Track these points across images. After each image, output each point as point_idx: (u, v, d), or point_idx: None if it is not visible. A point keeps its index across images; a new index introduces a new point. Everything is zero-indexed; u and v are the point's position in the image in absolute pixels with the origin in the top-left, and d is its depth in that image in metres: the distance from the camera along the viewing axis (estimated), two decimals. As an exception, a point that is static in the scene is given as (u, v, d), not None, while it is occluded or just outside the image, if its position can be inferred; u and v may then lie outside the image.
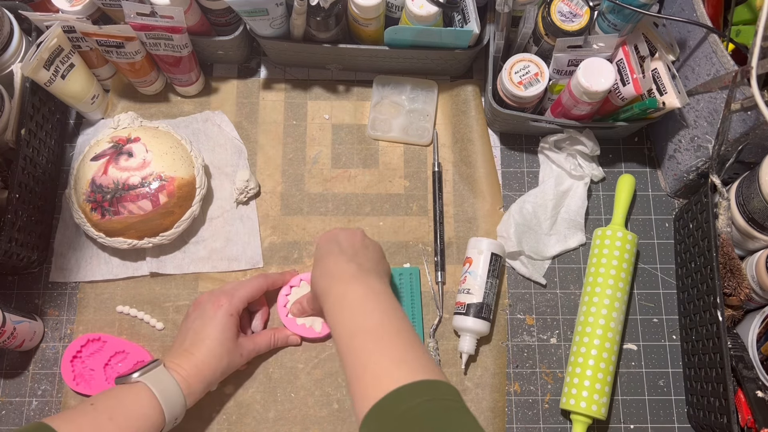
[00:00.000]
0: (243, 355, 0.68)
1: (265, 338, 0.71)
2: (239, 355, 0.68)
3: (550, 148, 0.79)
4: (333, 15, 0.72)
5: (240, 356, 0.68)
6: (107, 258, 0.76)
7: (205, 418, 0.71)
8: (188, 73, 0.78)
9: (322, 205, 0.80)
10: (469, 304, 0.72)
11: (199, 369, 0.64)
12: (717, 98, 0.67)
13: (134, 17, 0.69)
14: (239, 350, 0.68)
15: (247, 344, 0.69)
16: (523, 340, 0.76)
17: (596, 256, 0.75)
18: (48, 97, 0.76)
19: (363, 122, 0.83)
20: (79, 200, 0.73)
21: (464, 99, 0.82)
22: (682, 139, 0.75)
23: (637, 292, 0.77)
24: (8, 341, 0.68)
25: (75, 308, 0.75)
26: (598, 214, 0.80)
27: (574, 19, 0.69)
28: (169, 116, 0.82)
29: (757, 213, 0.66)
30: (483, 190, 0.80)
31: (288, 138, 0.82)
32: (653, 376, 0.75)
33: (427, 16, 0.69)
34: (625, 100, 0.71)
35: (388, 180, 0.81)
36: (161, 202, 0.71)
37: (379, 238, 0.78)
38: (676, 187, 0.79)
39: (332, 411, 0.72)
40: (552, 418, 0.73)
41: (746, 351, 0.67)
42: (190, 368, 0.64)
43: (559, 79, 0.73)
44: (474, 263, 0.73)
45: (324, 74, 0.85)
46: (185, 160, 0.74)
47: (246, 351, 0.69)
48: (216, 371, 0.65)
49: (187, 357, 0.64)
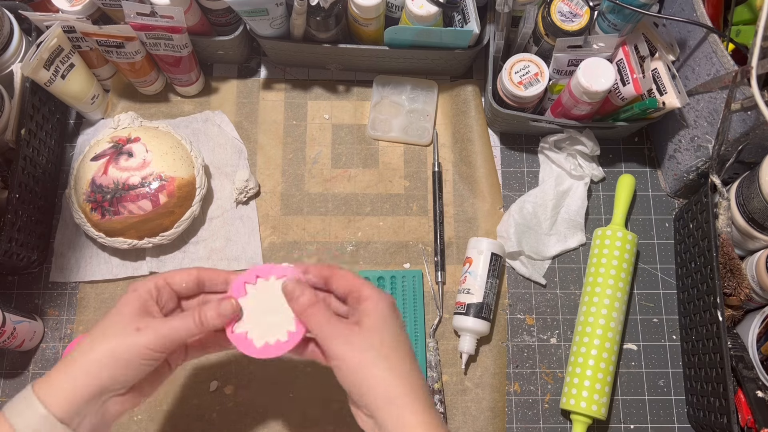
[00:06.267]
0: (142, 330, 0.48)
1: (183, 316, 0.51)
2: (135, 329, 0.48)
3: (550, 148, 0.79)
4: (333, 15, 0.72)
5: (137, 331, 0.48)
6: (107, 258, 0.77)
7: (206, 418, 0.71)
8: (188, 73, 0.78)
9: (322, 205, 0.80)
10: (469, 304, 0.72)
11: (71, 357, 0.48)
12: (717, 98, 0.66)
13: (134, 17, 0.69)
14: (136, 324, 0.49)
15: (156, 324, 0.49)
16: (523, 340, 0.76)
17: (596, 256, 0.75)
18: (48, 97, 0.76)
19: (363, 122, 0.83)
20: (79, 200, 0.73)
21: (464, 99, 0.82)
22: (682, 139, 0.75)
23: (637, 292, 0.77)
24: (8, 341, 0.68)
25: (75, 308, 0.75)
26: (598, 214, 0.80)
27: (574, 19, 0.69)
28: (169, 116, 0.82)
29: (757, 213, 0.66)
30: (483, 190, 0.80)
31: (288, 138, 0.82)
32: (653, 376, 0.75)
33: (427, 16, 0.69)
34: (625, 100, 0.71)
35: (388, 180, 0.81)
36: (161, 202, 0.71)
37: (379, 238, 0.78)
38: (676, 187, 0.79)
39: (332, 411, 0.72)
40: (552, 418, 0.73)
41: (746, 351, 0.67)
42: (60, 363, 0.48)
43: (559, 79, 0.73)
44: (474, 263, 0.73)
45: (324, 74, 0.85)
46: (185, 160, 0.74)
47: (152, 327, 0.49)
48: (94, 351, 0.48)
49: None
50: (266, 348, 0.52)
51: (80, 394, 0.46)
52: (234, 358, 0.73)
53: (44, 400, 0.46)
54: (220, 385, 0.72)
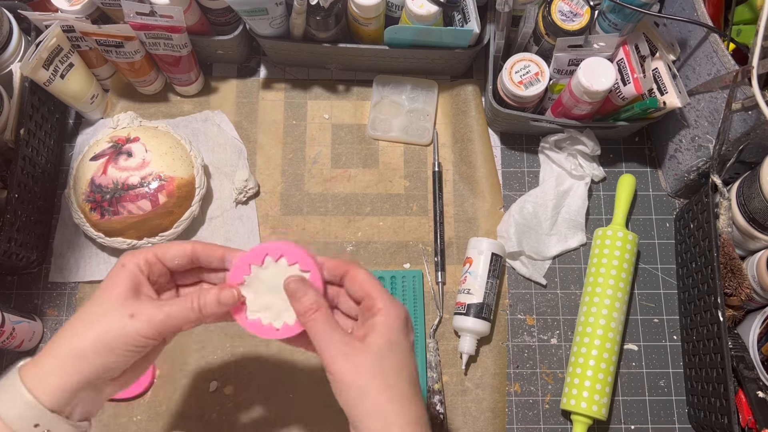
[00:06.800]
0: (136, 317, 0.46)
1: (180, 302, 0.48)
2: (128, 316, 0.45)
3: (551, 147, 0.79)
4: (333, 14, 0.72)
5: (131, 317, 0.45)
6: (106, 258, 0.76)
7: (205, 418, 0.71)
8: (188, 73, 0.78)
9: (322, 205, 0.79)
10: (469, 305, 0.72)
11: (56, 342, 0.45)
12: (718, 98, 0.66)
13: (134, 17, 0.68)
14: (128, 310, 0.46)
15: (150, 310, 0.46)
16: (524, 341, 0.75)
17: (597, 256, 0.75)
18: (47, 97, 0.76)
19: (363, 122, 0.83)
20: (79, 200, 0.73)
21: (464, 99, 0.82)
22: (682, 139, 0.75)
23: (638, 292, 0.77)
24: (7, 341, 0.67)
25: (74, 308, 0.75)
26: (598, 214, 0.80)
27: (574, 19, 0.69)
28: (169, 116, 0.82)
29: (758, 213, 0.66)
30: (483, 190, 0.79)
31: (288, 138, 0.82)
32: (654, 377, 0.74)
33: (427, 15, 0.69)
34: (626, 100, 0.71)
35: (388, 180, 0.81)
36: (161, 202, 0.71)
37: (379, 238, 0.78)
38: (677, 187, 0.79)
39: (332, 411, 0.72)
40: (552, 418, 0.73)
41: (747, 351, 0.66)
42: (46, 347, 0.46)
43: (560, 78, 0.73)
44: (474, 263, 0.73)
45: (324, 74, 0.85)
46: (185, 159, 0.74)
47: (146, 314, 0.46)
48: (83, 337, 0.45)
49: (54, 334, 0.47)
50: (286, 328, 0.50)
51: (71, 383, 0.44)
52: (234, 359, 0.73)
53: (33, 388, 0.43)
54: (219, 386, 0.72)
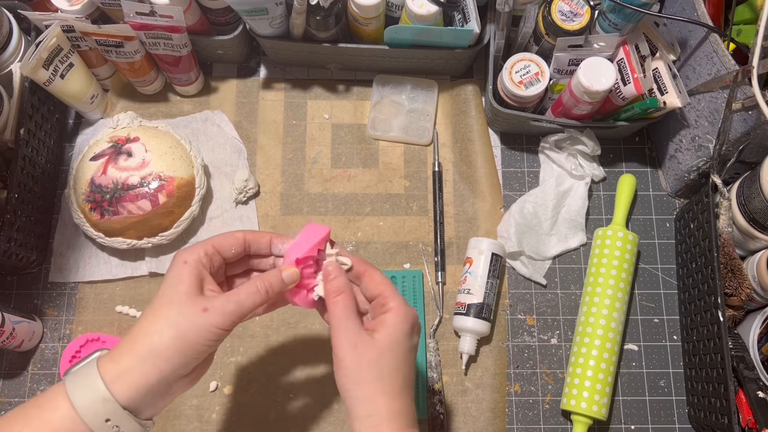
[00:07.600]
0: (210, 311, 0.47)
1: (246, 288, 0.49)
2: (201, 310, 0.47)
3: (551, 147, 0.79)
4: (333, 14, 0.72)
5: (204, 312, 0.47)
6: (106, 258, 0.76)
7: (205, 418, 0.71)
8: (187, 73, 0.78)
9: (322, 205, 0.79)
10: (469, 305, 0.72)
11: (134, 339, 0.46)
12: (718, 98, 0.66)
13: (133, 16, 0.68)
14: (201, 305, 0.47)
15: (221, 302, 0.48)
16: (524, 341, 0.75)
17: (597, 256, 0.75)
18: (47, 97, 0.76)
19: (363, 122, 0.83)
20: (79, 200, 0.73)
21: (464, 99, 0.82)
22: (683, 139, 0.75)
23: (638, 293, 0.77)
24: (7, 341, 0.67)
25: (74, 308, 0.75)
26: (598, 214, 0.80)
27: (574, 19, 0.69)
28: (169, 116, 0.82)
29: (758, 213, 0.66)
30: (483, 190, 0.79)
31: (288, 138, 0.82)
32: (654, 377, 0.74)
33: (428, 15, 0.69)
34: (626, 100, 0.71)
35: (388, 180, 0.81)
36: (160, 202, 0.71)
37: (379, 238, 0.78)
38: (677, 187, 0.79)
39: (332, 411, 0.72)
40: (552, 418, 0.73)
41: (747, 351, 0.66)
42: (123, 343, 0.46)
43: (560, 78, 0.73)
44: (474, 263, 0.73)
45: (324, 74, 0.85)
46: (184, 159, 0.74)
47: (218, 306, 0.47)
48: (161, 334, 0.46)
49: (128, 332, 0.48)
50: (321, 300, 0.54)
51: (150, 381, 0.45)
52: (234, 359, 0.73)
53: (110, 383, 0.44)
54: (219, 386, 0.72)
